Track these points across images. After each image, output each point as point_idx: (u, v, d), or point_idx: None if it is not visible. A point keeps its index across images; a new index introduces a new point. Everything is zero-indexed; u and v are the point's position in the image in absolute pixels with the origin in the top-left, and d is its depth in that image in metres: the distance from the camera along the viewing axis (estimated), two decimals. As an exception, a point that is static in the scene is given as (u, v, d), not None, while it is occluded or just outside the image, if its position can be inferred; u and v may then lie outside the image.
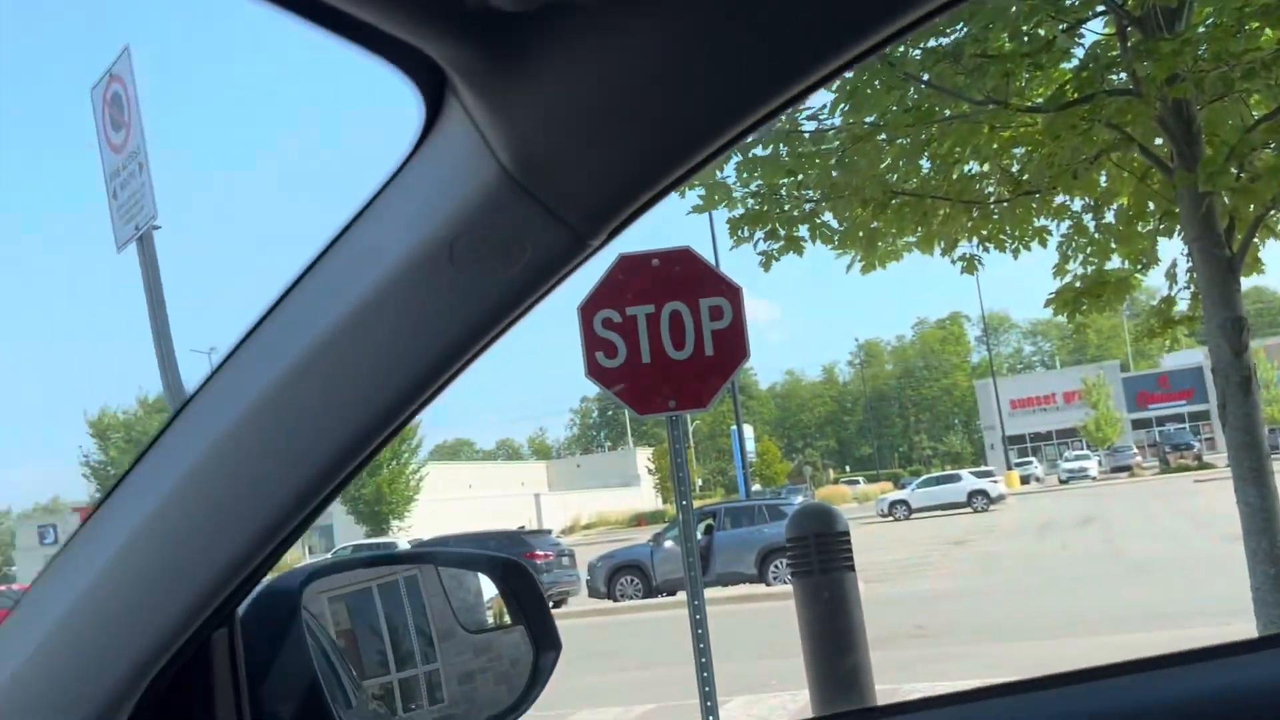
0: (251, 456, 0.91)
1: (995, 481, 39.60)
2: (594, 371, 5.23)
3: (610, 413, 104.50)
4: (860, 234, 6.07)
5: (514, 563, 1.41)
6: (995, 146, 5.90)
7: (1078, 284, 6.51)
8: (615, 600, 19.73)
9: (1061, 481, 50.21)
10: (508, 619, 1.43)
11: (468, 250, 0.83)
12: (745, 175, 5.80)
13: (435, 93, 0.81)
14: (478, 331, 0.88)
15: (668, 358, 5.19)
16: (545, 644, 1.37)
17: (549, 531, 26.34)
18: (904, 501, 39.30)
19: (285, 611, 1.13)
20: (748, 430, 43.02)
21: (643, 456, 71.16)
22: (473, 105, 0.78)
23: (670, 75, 0.76)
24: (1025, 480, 52.99)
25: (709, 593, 5.45)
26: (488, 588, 1.46)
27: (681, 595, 17.97)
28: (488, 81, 0.76)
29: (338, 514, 44.19)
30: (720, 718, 5.30)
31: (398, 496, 44.47)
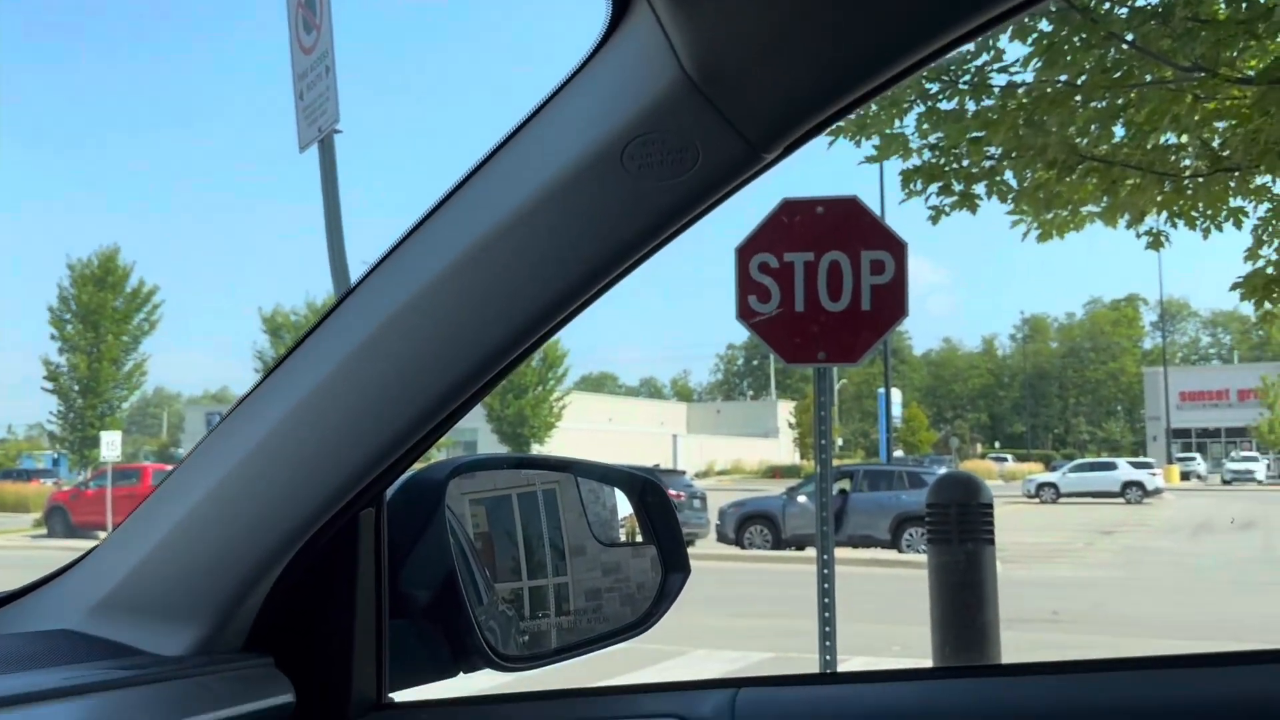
0: (409, 345, 0.92)
1: (1154, 474, 37.86)
2: (745, 315, 5.18)
3: (756, 362, 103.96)
4: (1040, 195, 5.80)
5: (652, 482, 1.41)
6: (1198, 118, 5.52)
7: (1270, 270, 6.09)
8: (743, 548, 19.80)
9: (1225, 482, 47.70)
10: (640, 538, 1.44)
11: (639, 153, 0.82)
12: (925, 127, 5.60)
13: None
14: (643, 238, 0.87)
15: (822, 308, 5.09)
16: (675, 565, 1.38)
17: (683, 472, 26.53)
18: (1053, 484, 38.05)
19: (431, 500, 1.16)
20: (896, 394, 42.14)
21: (784, 409, 70.65)
22: (661, 6, 0.76)
23: None
24: (1186, 477, 50.57)
25: (838, 552, 5.40)
26: (623, 505, 1.47)
27: (809, 551, 17.92)
28: None
29: (482, 431, 45.50)
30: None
31: (540, 421, 45.43)
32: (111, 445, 24.85)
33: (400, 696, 1.16)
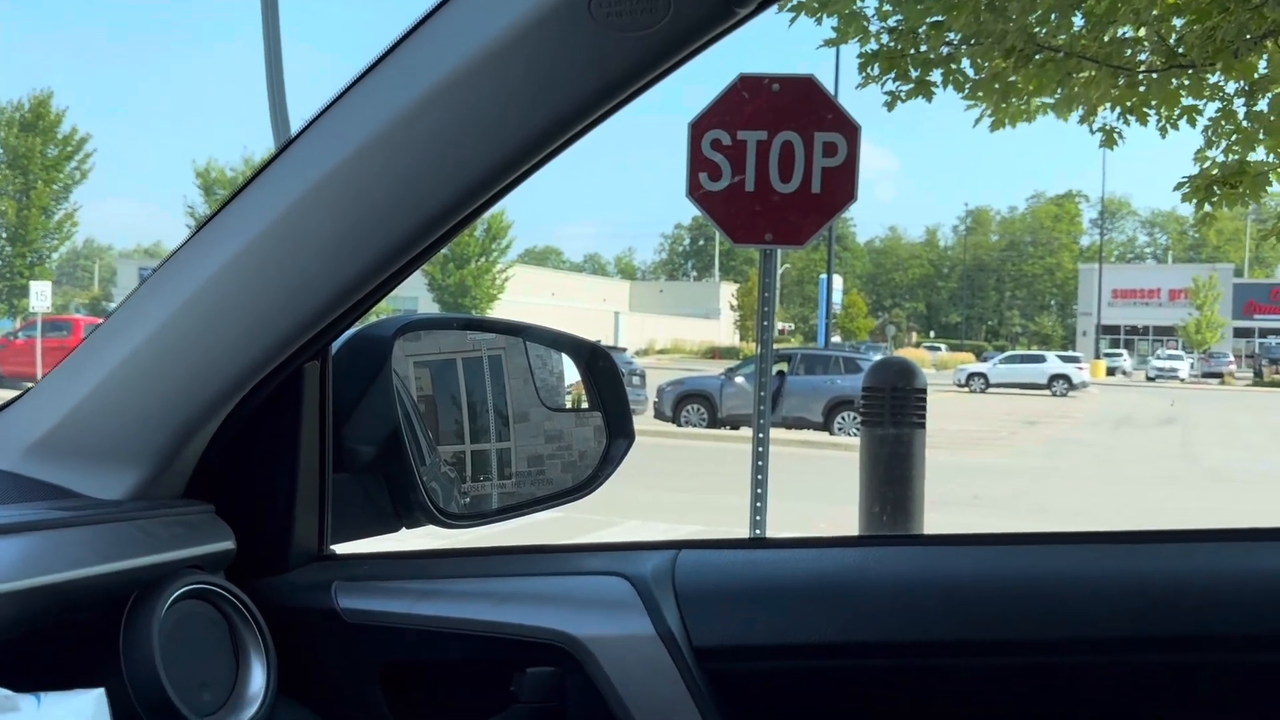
0: (357, 198, 0.89)
1: (1080, 368, 38.88)
2: (695, 192, 5.14)
3: (701, 243, 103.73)
4: (996, 85, 5.76)
5: (601, 349, 1.41)
6: (1156, 12, 5.49)
7: (1215, 171, 6.15)
8: (679, 425, 20.09)
9: (1149, 379, 49.16)
10: (585, 404, 1.45)
11: (608, 1, 0.78)
12: (886, 8, 5.49)
13: None
14: (606, 92, 0.84)
15: (772, 189, 5.07)
16: (619, 432, 1.39)
17: (624, 349, 26.66)
18: (983, 375, 38.94)
19: (376, 356, 1.15)
20: (837, 281, 42.53)
21: (727, 291, 70.95)
22: None
23: None
24: (1111, 372, 52.04)
25: (771, 433, 5.51)
26: (570, 372, 1.47)
27: (744, 430, 18.14)
28: None
29: (423, 300, 45.12)
30: (767, 547, 5.43)
31: (482, 292, 45.08)
32: (41, 295, 24.32)
33: (341, 549, 1.16)
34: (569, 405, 1.47)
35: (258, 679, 0.97)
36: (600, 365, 1.40)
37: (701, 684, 0.99)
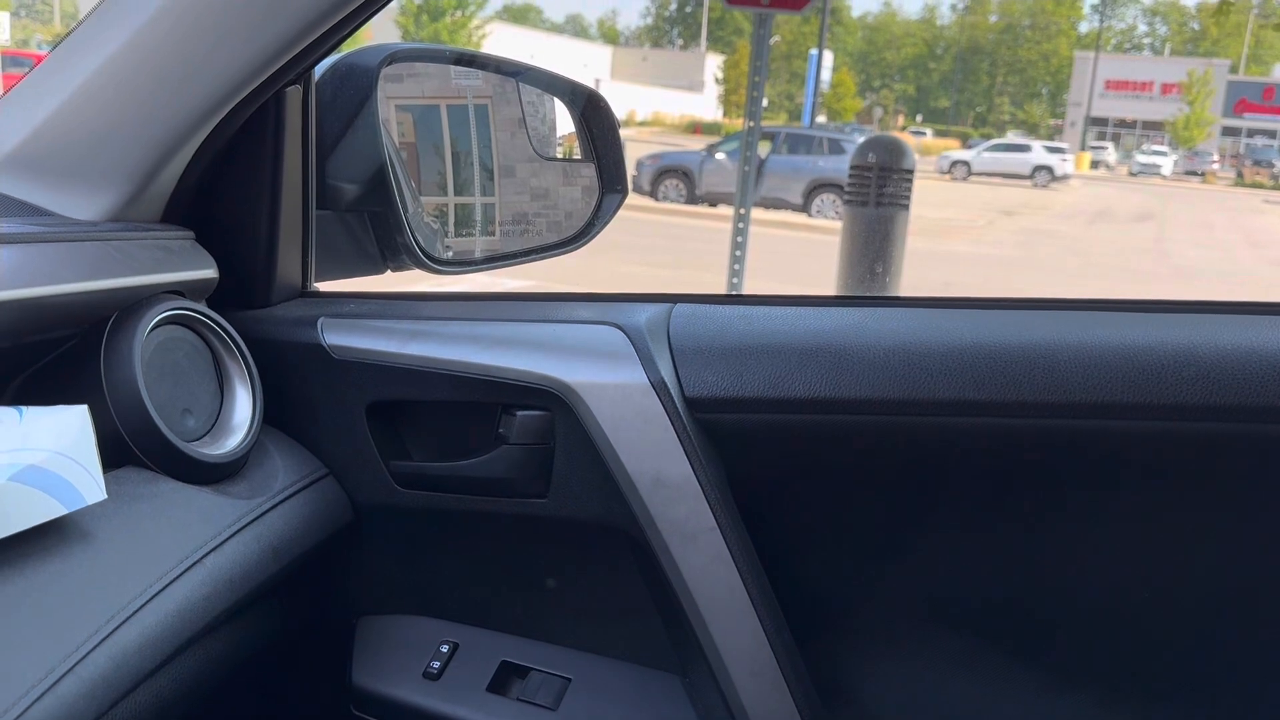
0: None
1: (1064, 160, 38.45)
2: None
3: (689, 9, 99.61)
4: None
5: (598, 95, 1.35)
6: None
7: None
8: (657, 200, 19.88)
9: (1131, 174, 48.86)
10: (577, 155, 1.40)
11: None
12: None
13: None
14: None
15: (772, -53, 4.82)
16: (612, 185, 1.34)
17: (605, 119, 25.96)
18: (965, 162, 38.52)
19: (362, 86, 1.09)
20: (828, 57, 41.20)
21: (713, 63, 68.82)
22: None
23: None
24: (1095, 165, 51.59)
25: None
26: (564, 122, 1.41)
27: (721, 208, 17.96)
28: None
29: (398, 58, 43.45)
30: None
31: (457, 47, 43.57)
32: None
33: (325, 288, 1.14)
34: (560, 155, 1.42)
35: (243, 407, 0.96)
36: (597, 113, 1.34)
37: (691, 432, 0.99)
